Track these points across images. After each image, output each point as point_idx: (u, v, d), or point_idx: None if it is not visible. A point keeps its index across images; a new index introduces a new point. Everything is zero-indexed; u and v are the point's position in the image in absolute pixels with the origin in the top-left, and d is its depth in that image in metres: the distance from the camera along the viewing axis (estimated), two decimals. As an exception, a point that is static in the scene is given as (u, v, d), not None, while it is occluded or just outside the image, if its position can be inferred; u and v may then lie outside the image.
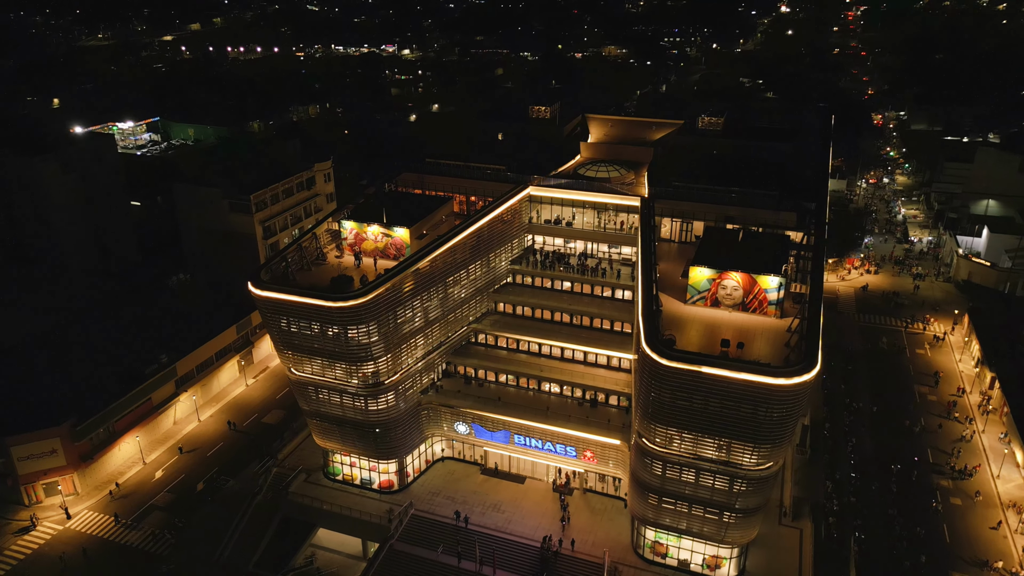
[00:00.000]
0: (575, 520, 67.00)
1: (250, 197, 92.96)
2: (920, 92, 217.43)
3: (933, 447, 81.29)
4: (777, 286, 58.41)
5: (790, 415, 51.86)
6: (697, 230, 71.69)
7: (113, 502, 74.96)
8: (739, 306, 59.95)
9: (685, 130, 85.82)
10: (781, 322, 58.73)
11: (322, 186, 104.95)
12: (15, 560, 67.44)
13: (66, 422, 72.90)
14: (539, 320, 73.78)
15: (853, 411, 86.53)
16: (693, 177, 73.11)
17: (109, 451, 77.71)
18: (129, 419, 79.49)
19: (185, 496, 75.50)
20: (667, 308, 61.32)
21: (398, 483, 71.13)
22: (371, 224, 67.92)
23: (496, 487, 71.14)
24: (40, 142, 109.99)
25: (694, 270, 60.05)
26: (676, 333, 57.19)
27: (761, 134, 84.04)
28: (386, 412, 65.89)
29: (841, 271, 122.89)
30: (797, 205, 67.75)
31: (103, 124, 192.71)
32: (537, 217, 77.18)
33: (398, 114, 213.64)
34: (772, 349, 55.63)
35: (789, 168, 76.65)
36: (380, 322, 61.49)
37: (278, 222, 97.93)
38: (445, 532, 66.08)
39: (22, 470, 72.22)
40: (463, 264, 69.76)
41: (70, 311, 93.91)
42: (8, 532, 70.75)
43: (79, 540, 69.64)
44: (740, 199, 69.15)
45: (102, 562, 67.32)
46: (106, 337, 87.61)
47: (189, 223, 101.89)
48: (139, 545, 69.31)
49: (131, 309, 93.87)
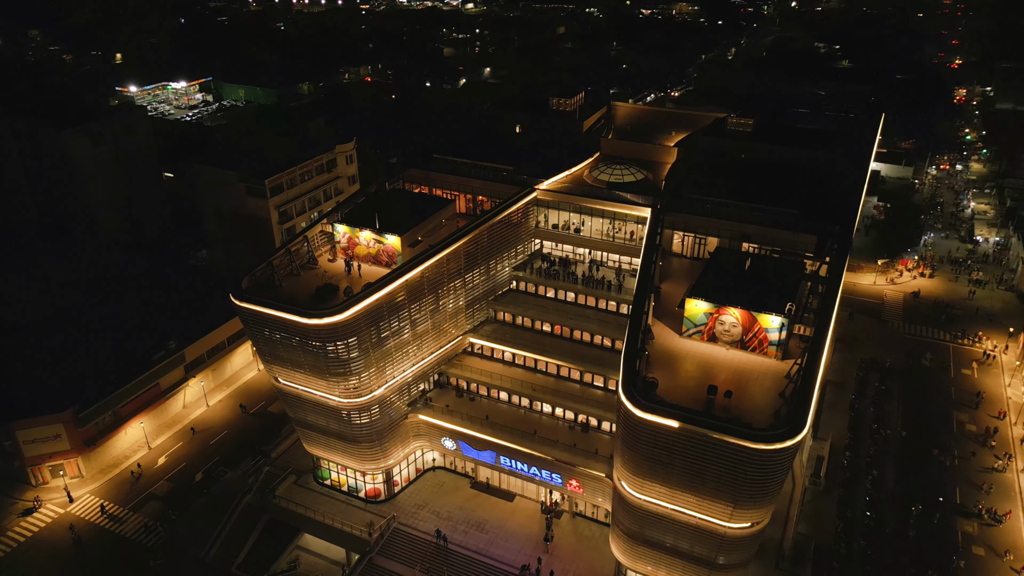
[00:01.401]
0: (560, 547, 64.74)
1: (264, 182, 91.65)
2: (1011, 66, 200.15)
3: (963, 481, 75.25)
4: (779, 326, 53.69)
5: (772, 478, 47.75)
6: (712, 245, 66.86)
7: (117, 488, 76.36)
8: (738, 343, 55.51)
9: (713, 130, 79.97)
10: (781, 365, 54.19)
11: (344, 168, 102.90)
12: (15, 543, 69.53)
13: (69, 408, 74.13)
14: (538, 332, 70.67)
15: (880, 438, 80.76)
16: (711, 187, 68.11)
17: (115, 435, 79.04)
18: (136, 404, 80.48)
19: (184, 485, 76.26)
20: (660, 339, 57.56)
21: (385, 492, 70.06)
22: (363, 229, 65.57)
23: (484, 503, 69.31)
24: (75, 112, 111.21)
25: (690, 302, 55.76)
26: (665, 370, 53.53)
27: (796, 138, 77.56)
28: (369, 426, 64.39)
29: (892, 273, 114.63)
30: (819, 227, 62.20)
31: (158, 83, 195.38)
32: (545, 221, 73.52)
33: (448, 79, 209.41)
34: (766, 397, 51.37)
35: (822, 180, 70.65)
36: (361, 338, 59.48)
37: (295, 206, 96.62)
38: (426, 550, 64.87)
39: (28, 452, 74.09)
40: (458, 274, 66.93)
41: (94, 286, 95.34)
42: (14, 512, 73.01)
43: (77, 526, 71.24)
44: (757, 216, 63.96)
45: (95, 551, 68.70)
46: (122, 317, 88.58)
47: (207, 203, 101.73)
48: (132, 536, 70.45)
49: (151, 287, 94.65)
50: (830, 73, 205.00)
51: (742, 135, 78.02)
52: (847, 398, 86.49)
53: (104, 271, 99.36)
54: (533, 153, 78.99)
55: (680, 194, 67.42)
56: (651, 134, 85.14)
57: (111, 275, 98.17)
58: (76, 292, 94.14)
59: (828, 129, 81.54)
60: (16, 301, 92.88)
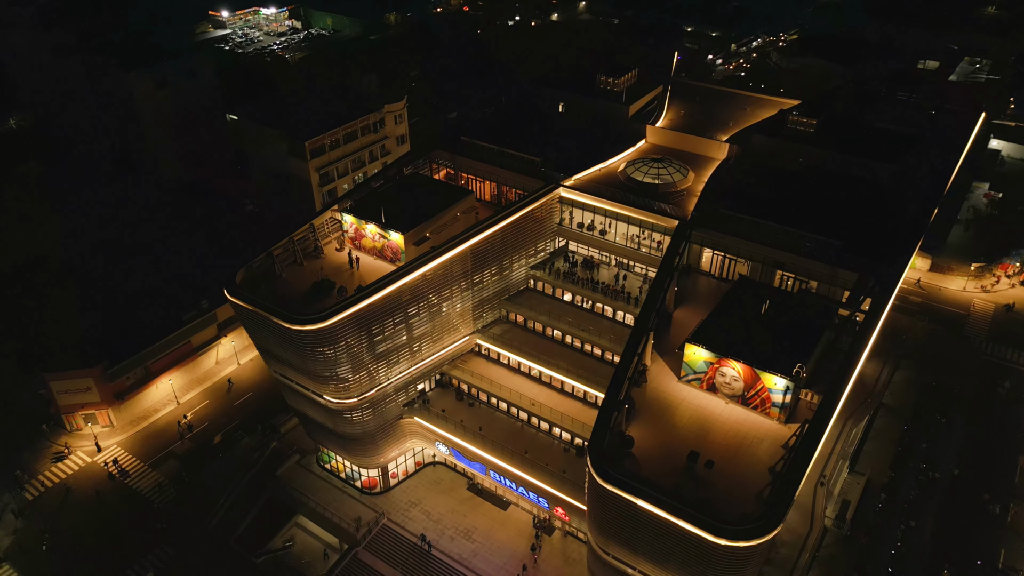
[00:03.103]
0: (544, 568, 62.72)
1: (304, 144, 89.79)
2: None
3: (1015, 536, 67.32)
4: (783, 389, 47.93)
5: (741, 571, 43.32)
6: (744, 267, 60.48)
7: (144, 441, 79.51)
8: (738, 398, 50.22)
9: (769, 127, 71.25)
10: (782, 430, 48.83)
11: (392, 128, 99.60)
12: (44, 488, 73.96)
13: (99, 364, 76.98)
14: (548, 339, 66.91)
15: (925, 481, 73.22)
16: (752, 199, 61.14)
17: (145, 390, 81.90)
18: (167, 360, 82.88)
19: (203, 446, 78.50)
20: (657, 381, 53.04)
21: (381, 485, 69.71)
22: (369, 222, 62.94)
23: (476, 509, 67.85)
24: (144, 52, 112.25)
25: (690, 348, 50.59)
26: (654, 419, 49.50)
27: (866, 143, 68.19)
28: (361, 426, 63.37)
29: (987, 278, 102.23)
30: (864, 264, 54.69)
31: (250, 8, 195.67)
32: (569, 220, 68.58)
33: (538, 12, 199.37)
34: (755, 469, 46.48)
35: (884, 199, 62.16)
36: (349, 343, 57.68)
37: (337, 168, 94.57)
38: (410, 552, 64.43)
39: (61, 401, 77.88)
40: (465, 275, 63.56)
41: (145, 230, 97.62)
42: (47, 456, 77.51)
43: (100, 477, 74.91)
44: (794, 243, 57.00)
45: (112, 505, 72.13)
46: (164, 266, 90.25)
47: (253, 157, 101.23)
48: (146, 493, 73.50)
49: (199, 235, 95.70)
50: (973, 21, 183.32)
51: (802, 136, 69.25)
52: (899, 427, 78.69)
53: (158, 215, 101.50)
54: (570, 138, 73.49)
55: (713, 207, 60.84)
56: (710, 121, 77.11)
57: (163, 220, 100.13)
58: (127, 235, 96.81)
59: (910, 132, 71.18)
60: (70, 240, 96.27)
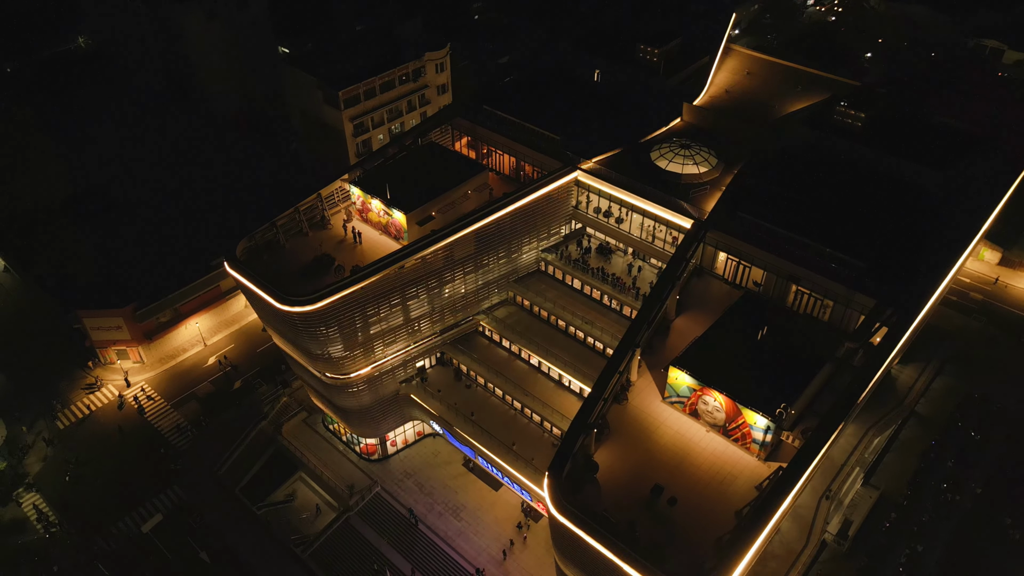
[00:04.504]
0: (521, 557, 63.07)
1: (338, 93, 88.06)
2: None
3: (1032, 567, 63.82)
4: (764, 428, 45.30)
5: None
6: (759, 275, 56.83)
7: (171, 379, 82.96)
8: (720, 429, 47.88)
9: (813, 118, 65.21)
10: (760, 467, 46.59)
11: (433, 77, 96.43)
12: (74, 417, 78.57)
13: (129, 305, 79.89)
14: (553, 327, 65.22)
15: (944, 502, 69.30)
16: (779, 202, 57.24)
17: (174, 330, 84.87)
18: (195, 303, 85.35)
19: (223, 391, 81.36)
20: (640, 397, 51.25)
21: (380, 452, 70.87)
22: (375, 197, 61.72)
23: (469, 486, 68.35)
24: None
25: (673, 371, 48.16)
26: (628, 441, 48.16)
27: (919, 143, 61.79)
28: (356, 400, 63.96)
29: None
30: (885, 292, 50.38)
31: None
32: (586, 204, 65.56)
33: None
34: (722, 509, 44.57)
35: (925, 212, 56.69)
36: (342, 325, 57.57)
37: (372, 118, 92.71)
38: (398, 524, 65.79)
39: (95, 336, 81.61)
40: (468, 259, 62.02)
41: (190, 165, 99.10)
42: (79, 386, 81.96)
43: (125, 412, 78.91)
44: (812, 260, 52.94)
45: (132, 442, 76.13)
46: (203, 203, 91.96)
47: (293, 101, 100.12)
48: (166, 434, 77.11)
49: (242, 173, 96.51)
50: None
51: (849, 130, 63.09)
52: (927, 440, 74.22)
53: (204, 150, 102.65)
54: (599, 113, 69.58)
55: (732, 208, 56.76)
56: (754, 101, 71.25)
57: (209, 155, 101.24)
58: (173, 169, 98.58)
59: (974, 133, 63.93)
60: (118, 172, 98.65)
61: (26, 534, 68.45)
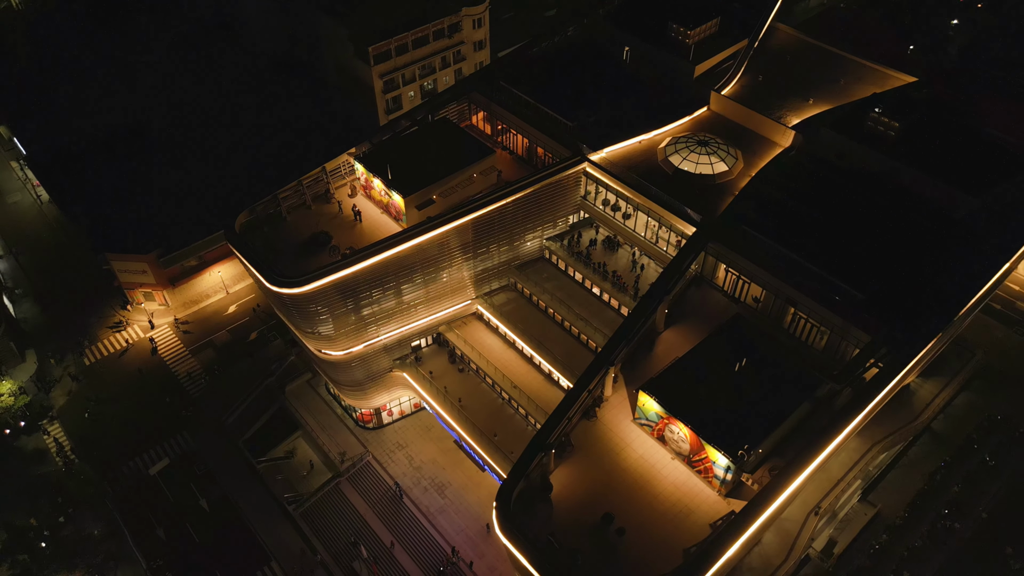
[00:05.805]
0: (498, 541, 64.05)
1: (368, 48, 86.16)
2: None
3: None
4: (725, 467, 44.24)
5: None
6: (758, 291, 54.60)
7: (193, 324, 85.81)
8: (684, 459, 47.02)
9: (843, 122, 60.70)
10: (719, 503, 45.86)
11: (470, 32, 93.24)
12: (100, 356, 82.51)
13: (154, 251, 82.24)
14: (550, 318, 64.45)
15: (942, 529, 66.99)
16: (790, 215, 54.40)
17: (198, 276, 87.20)
18: (219, 252, 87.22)
19: (239, 340, 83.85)
20: (611, 413, 50.73)
21: (375, 421, 72.40)
22: (376, 176, 61.16)
23: (457, 464, 69.42)
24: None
25: (643, 397, 47.11)
26: (592, 460, 48.02)
27: (957, 159, 57.00)
28: (348, 375, 65.06)
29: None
30: (883, 327, 47.80)
31: None
32: (594, 195, 63.56)
33: None
34: (669, 545, 44.09)
35: (955, 241, 52.97)
36: (331, 306, 58.10)
37: (404, 75, 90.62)
38: (384, 494, 67.68)
39: (123, 279, 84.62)
40: (466, 247, 61.28)
41: (227, 104, 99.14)
42: (106, 324, 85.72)
43: (145, 355, 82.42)
44: (811, 285, 50.48)
45: (150, 384, 79.65)
46: (237, 145, 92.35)
47: (324, 51, 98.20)
48: (182, 379, 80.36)
49: (278, 116, 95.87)
50: None
51: (881, 138, 58.61)
52: (937, 460, 71.36)
53: (245, 91, 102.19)
54: (622, 97, 66.72)
55: (737, 220, 54.10)
56: (788, 93, 66.88)
57: (249, 97, 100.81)
58: (211, 113, 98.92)
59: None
60: (160, 108, 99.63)
61: (45, 464, 73.22)
